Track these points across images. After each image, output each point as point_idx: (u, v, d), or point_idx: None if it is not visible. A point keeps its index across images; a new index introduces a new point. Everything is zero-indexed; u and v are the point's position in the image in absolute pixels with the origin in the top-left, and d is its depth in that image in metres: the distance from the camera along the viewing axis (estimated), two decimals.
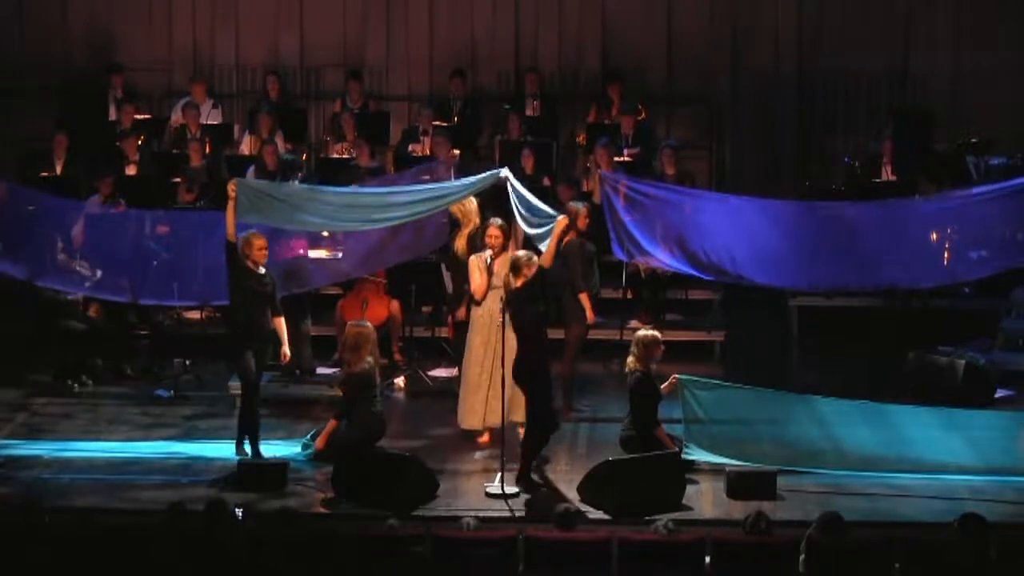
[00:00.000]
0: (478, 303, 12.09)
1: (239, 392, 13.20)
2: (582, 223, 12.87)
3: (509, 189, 11.66)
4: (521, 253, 11.40)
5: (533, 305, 11.24)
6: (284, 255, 13.21)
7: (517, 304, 11.23)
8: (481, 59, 18.05)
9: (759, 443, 11.67)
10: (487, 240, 12.12)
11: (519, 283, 11.26)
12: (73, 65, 17.96)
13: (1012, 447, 11.95)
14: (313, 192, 12.16)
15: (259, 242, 11.68)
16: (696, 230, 12.04)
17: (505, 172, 11.69)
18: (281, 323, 11.89)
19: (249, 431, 11.73)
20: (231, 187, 11.57)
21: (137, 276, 13.17)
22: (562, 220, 11.37)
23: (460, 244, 13.03)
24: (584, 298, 12.91)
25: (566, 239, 13.02)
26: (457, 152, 15.54)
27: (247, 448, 11.73)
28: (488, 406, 11.78)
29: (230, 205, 11.49)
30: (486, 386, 11.73)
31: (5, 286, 13.87)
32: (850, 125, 17.60)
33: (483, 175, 11.86)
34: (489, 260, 12.04)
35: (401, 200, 11.88)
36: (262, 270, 11.72)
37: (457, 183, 11.97)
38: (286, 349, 11.92)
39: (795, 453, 11.64)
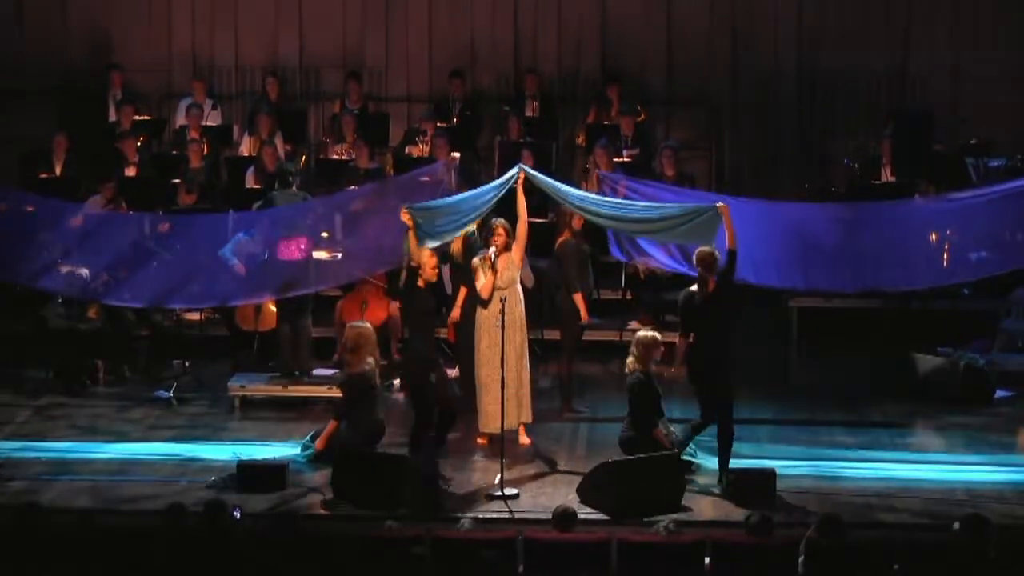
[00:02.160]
0: (484, 303, 12.08)
1: (239, 393, 13.26)
2: (577, 223, 12.86)
3: (517, 187, 11.75)
4: (707, 249, 11.35)
5: (733, 298, 11.42)
6: (287, 256, 13.20)
7: (718, 299, 11.29)
8: (480, 60, 18.06)
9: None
10: (493, 239, 12.12)
11: (714, 278, 11.32)
12: (73, 66, 17.96)
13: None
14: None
15: (433, 260, 11.58)
16: None
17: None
18: None
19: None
20: (405, 215, 11.47)
21: (138, 278, 13.16)
22: (723, 207, 11.37)
23: (456, 245, 13.01)
24: (578, 299, 12.91)
25: (561, 239, 13.05)
26: (457, 155, 15.52)
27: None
28: (504, 409, 11.72)
29: (411, 233, 11.43)
30: (497, 389, 11.71)
31: (5, 286, 13.88)
32: (850, 126, 17.58)
33: (508, 175, 11.88)
34: (492, 252, 12.02)
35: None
36: None
37: (490, 186, 11.98)
38: None
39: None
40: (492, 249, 12.04)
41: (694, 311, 11.40)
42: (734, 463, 11.36)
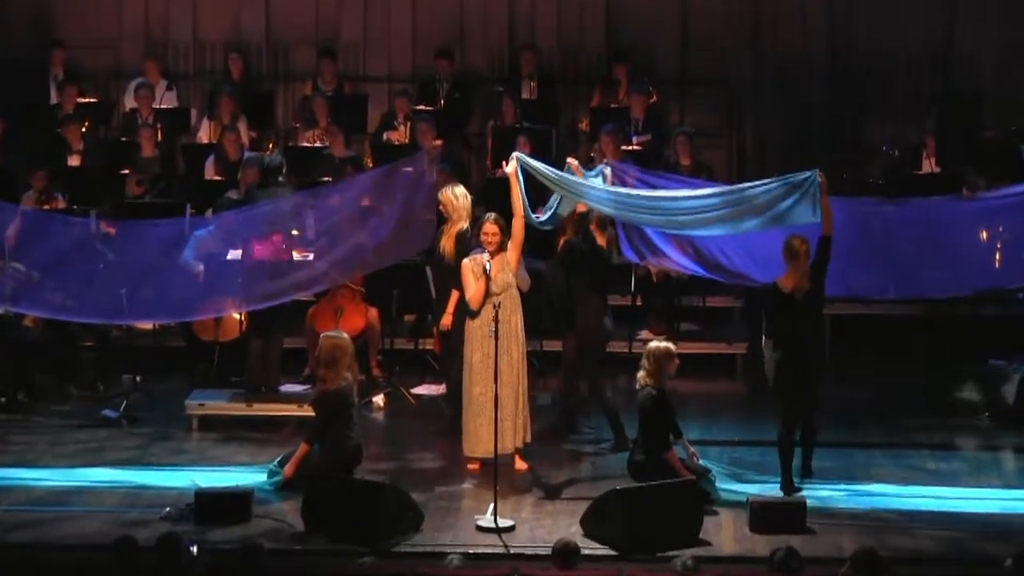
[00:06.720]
0: (474, 314, 11.99)
1: (197, 412, 13.21)
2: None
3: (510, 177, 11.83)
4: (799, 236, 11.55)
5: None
6: (261, 256, 13.15)
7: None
8: (471, 36, 18.10)
9: None
10: (482, 239, 12.04)
11: (809, 264, 11.52)
12: (11, 43, 17.91)
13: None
14: None
15: None
16: None
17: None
18: None
19: None
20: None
21: (80, 286, 13.08)
22: (823, 177, 11.64)
23: (447, 244, 12.94)
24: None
25: (564, 238, 13.00)
26: (439, 142, 15.49)
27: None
28: (498, 430, 11.63)
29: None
30: (491, 408, 11.61)
31: None
32: (887, 111, 17.61)
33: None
34: (488, 265, 11.92)
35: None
36: None
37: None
38: None
39: None
40: (486, 255, 11.95)
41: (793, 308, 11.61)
42: (757, 489, 11.45)
